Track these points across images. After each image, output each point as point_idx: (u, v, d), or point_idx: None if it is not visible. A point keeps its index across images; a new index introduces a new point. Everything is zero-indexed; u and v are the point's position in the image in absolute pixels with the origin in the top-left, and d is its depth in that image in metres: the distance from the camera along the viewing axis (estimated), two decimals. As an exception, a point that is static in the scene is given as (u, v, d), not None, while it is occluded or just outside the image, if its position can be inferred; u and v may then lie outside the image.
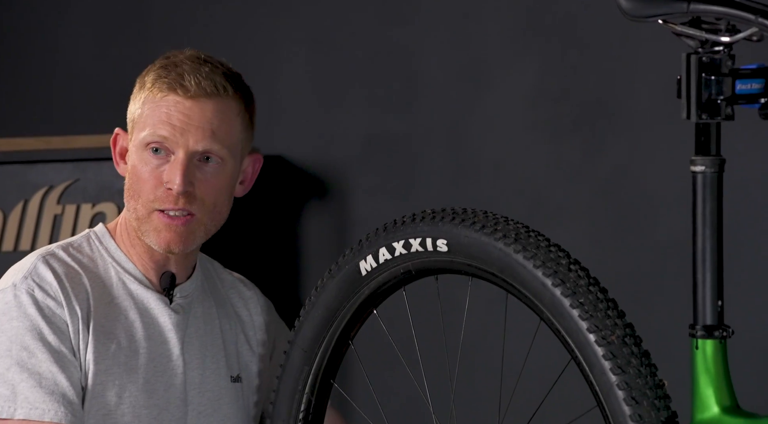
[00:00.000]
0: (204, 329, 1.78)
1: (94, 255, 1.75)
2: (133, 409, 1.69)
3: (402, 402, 2.36)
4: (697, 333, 1.30)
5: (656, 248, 2.39)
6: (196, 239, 1.73)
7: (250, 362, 1.83)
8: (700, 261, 1.29)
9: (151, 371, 1.71)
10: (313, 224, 2.94)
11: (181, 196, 1.67)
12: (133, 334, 1.71)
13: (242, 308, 1.86)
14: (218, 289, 1.85)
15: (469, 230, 1.51)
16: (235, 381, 1.79)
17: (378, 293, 1.67)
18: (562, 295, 1.40)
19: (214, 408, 1.75)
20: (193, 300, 1.78)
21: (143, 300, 1.74)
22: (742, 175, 2.31)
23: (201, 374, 1.75)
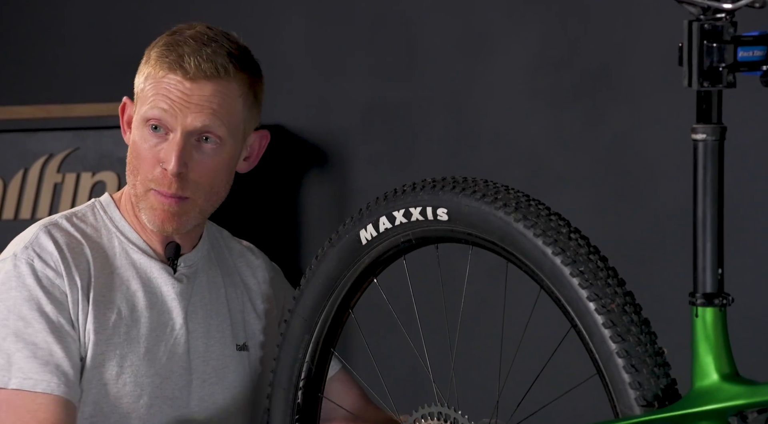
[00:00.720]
0: (209, 298, 1.78)
1: (98, 224, 1.75)
2: (134, 378, 1.69)
3: (402, 371, 2.37)
4: (697, 301, 1.30)
5: (656, 216, 2.39)
6: (191, 219, 1.72)
7: (256, 330, 1.83)
8: (701, 229, 1.29)
9: (153, 341, 1.71)
10: (313, 193, 2.94)
11: (174, 180, 1.67)
12: (134, 303, 1.71)
13: (250, 276, 1.86)
14: (225, 258, 1.85)
15: (470, 199, 1.51)
16: (241, 350, 1.80)
17: (378, 262, 1.67)
18: (562, 263, 1.40)
19: (219, 377, 1.76)
20: (199, 269, 1.78)
21: (146, 270, 1.74)
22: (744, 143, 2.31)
23: (205, 343, 1.76)
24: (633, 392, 1.32)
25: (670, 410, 1.29)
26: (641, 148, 2.49)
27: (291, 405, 1.74)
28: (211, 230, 1.85)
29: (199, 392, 1.74)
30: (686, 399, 1.30)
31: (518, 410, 1.54)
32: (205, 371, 1.75)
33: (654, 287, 2.29)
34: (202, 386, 1.74)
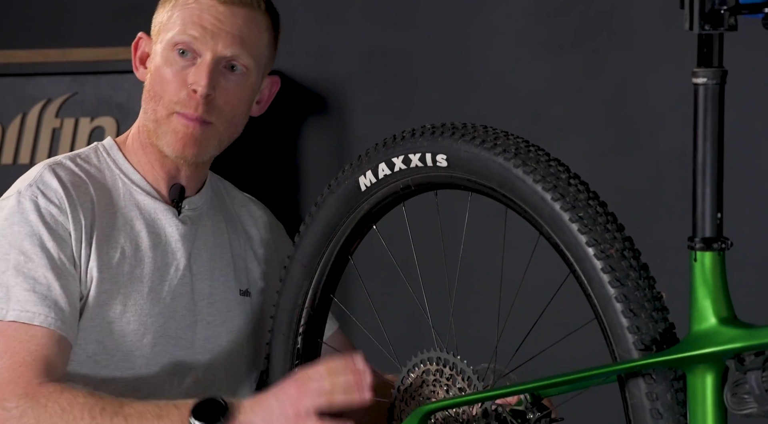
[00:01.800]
0: (213, 242, 1.79)
1: (102, 166, 1.75)
2: (138, 317, 1.69)
3: (401, 317, 2.37)
4: (695, 246, 1.30)
5: (656, 162, 2.39)
6: (209, 147, 1.72)
7: (258, 278, 1.84)
8: (700, 174, 1.29)
9: (157, 280, 1.71)
10: (313, 139, 2.93)
11: (201, 102, 1.67)
12: (138, 244, 1.71)
13: (251, 226, 1.86)
14: (228, 206, 1.85)
15: (469, 145, 1.50)
16: (243, 295, 1.80)
17: (377, 209, 1.67)
18: (562, 209, 1.40)
19: (223, 320, 1.76)
20: (203, 214, 1.79)
21: (150, 211, 1.74)
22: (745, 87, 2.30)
23: (210, 286, 1.76)
24: (631, 336, 1.33)
25: (667, 354, 1.30)
26: (641, 93, 2.48)
27: (291, 351, 1.75)
28: (213, 179, 1.86)
29: (204, 333, 1.74)
30: (684, 343, 1.30)
31: (517, 355, 1.55)
32: (209, 313, 1.75)
33: (653, 232, 2.30)
34: (206, 327, 1.74)
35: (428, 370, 1.57)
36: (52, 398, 1.56)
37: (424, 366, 1.57)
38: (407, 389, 1.59)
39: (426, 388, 1.57)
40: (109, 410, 1.56)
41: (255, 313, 1.82)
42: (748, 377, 1.23)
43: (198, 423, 1.54)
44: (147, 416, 1.56)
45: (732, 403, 1.25)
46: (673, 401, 1.31)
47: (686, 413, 1.31)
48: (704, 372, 1.28)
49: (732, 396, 1.25)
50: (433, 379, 1.56)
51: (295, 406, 1.53)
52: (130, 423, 1.55)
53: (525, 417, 1.51)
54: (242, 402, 1.57)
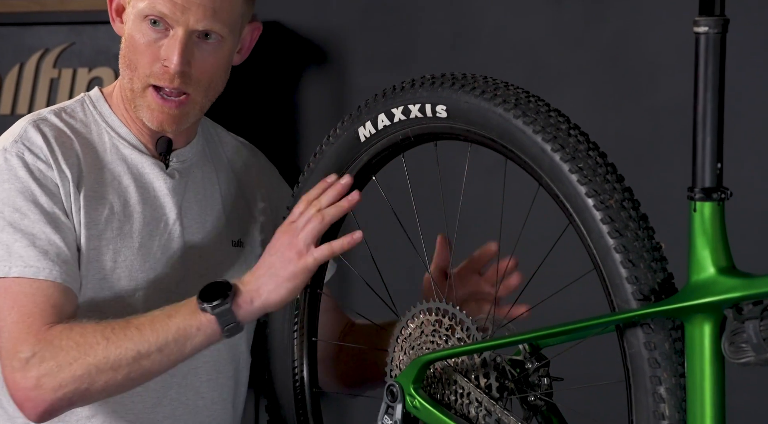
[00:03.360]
0: (203, 194, 1.77)
1: (88, 120, 1.73)
2: (129, 273, 1.68)
3: (401, 268, 2.38)
4: (695, 196, 1.30)
5: (656, 112, 2.38)
6: (190, 117, 1.71)
7: (252, 227, 1.82)
8: (701, 123, 1.28)
9: (147, 235, 1.70)
10: (312, 90, 2.92)
11: (177, 76, 1.64)
12: (126, 199, 1.70)
13: (244, 173, 1.85)
14: (220, 154, 1.83)
15: (469, 96, 1.50)
16: (236, 246, 1.79)
17: (377, 160, 1.67)
18: (562, 160, 1.40)
19: (216, 272, 1.75)
20: (192, 165, 1.77)
21: (137, 165, 1.72)
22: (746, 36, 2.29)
23: (201, 239, 1.75)
24: (630, 286, 1.33)
25: (666, 304, 1.30)
26: (642, 43, 2.46)
27: (291, 301, 1.76)
28: (205, 126, 1.83)
29: (197, 286, 1.70)
30: (682, 293, 1.31)
31: (516, 305, 1.56)
32: (201, 266, 1.74)
33: (653, 183, 2.29)
34: (199, 280, 1.71)
35: (427, 320, 1.57)
36: (63, 336, 1.57)
37: (423, 316, 1.58)
38: (406, 339, 1.60)
39: (425, 338, 1.58)
40: (120, 327, 1.57)
41: (248, 263, 1.80)
42: (746, 327, 1.23)
43: (209, 305, 1.56)
44: (157, 320, 1.58)
45: (729, 352, 1.26)
46: (671, 350, 1.31)
47: (684, 363, 1.32)
48: (702, 322, 1.29)
49: (729, 345, 1.25)
50: (433, 329, 1.57)
51: (292, 247, 1.56)
52: (143, 331, 1.57)
53: (524, 367, 1.52)
54: (243, 276, 1.59)
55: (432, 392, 1.56)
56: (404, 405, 1.55)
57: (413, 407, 1.55)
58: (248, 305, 1.59)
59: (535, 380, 1.51)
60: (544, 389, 1.51)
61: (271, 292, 1.59)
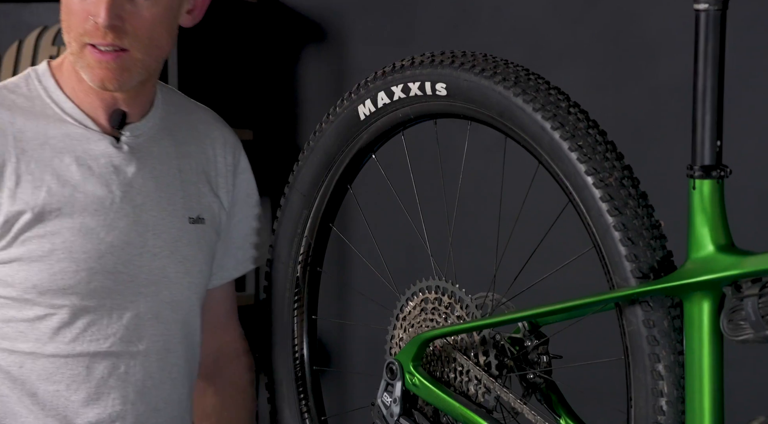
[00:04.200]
0: (160, 170, 1.71)
1: (32, 95, 1.67)
2: (69, 254, 1.63)
3: (400, 246, 2.38)
4: (694, 173, 1.30)
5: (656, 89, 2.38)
6: (133, 75, 1.63)
7: (212, 202, 1.76)
8: (700, 101, 1.28)
9: (89, 215, 1.64)
10: (311, 69, 2.91)
11: (108, 31, 1.59)
12: (67, 178, 1.64)
13: (208, 146, 1.78)
14: (180, 126, 1.76)
15: (469, 74, 1.50)
16: (195, 222, 1.73)
17: (376, 138, 1.67)
18: (561, 138, 1.40)
19: (171, 250, 1.70)
20: (149, 139, 1.71)
21: (82, 141, 1.66)
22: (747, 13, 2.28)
23: (156, 216, 1.69)
24: (629, 264, 1.33)
25: (665, 282, 1.30)
26: (642, 20, 2.46)
27: (290, 279, 1.76)
28: (167, 96, 1.76)
29: (149, 265, 1.68)
30: (681, 270, 1.31)
31: (515, 284, 1.56)
32: (156, 245, 1.68)
33: (652, 161, 2.29)
34: (152, 259, 1.68)
35: (427, 298, 1.58)
36: None
37: (422, 294, 1.58)
38: (406, 318, 1.60)
39: (424, 316, 1.58)
40: None
41: (207, 240, 1.75)
42: (745, 304, 1.24)
43: None
44: None
45: (728, 329, 1.26)
46: (670, 328, 1.32)
47: (682, 340, 1.32)
48: (701, 299, 1.29)
49: (728, 323, 1.26)
50: (432, 307, 1.57)
51: None
52: None
53: (523, 345, 1.52)
54: None
55: (431, 369, 1.57)
56: (404, 383, 1.56)
57: (413, 384, 1.55)
58: None
59: (534, 357, 1.52)
60: (543, 367, 1.51)
61: None
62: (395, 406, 1.56)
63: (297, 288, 1.75)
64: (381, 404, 1.57)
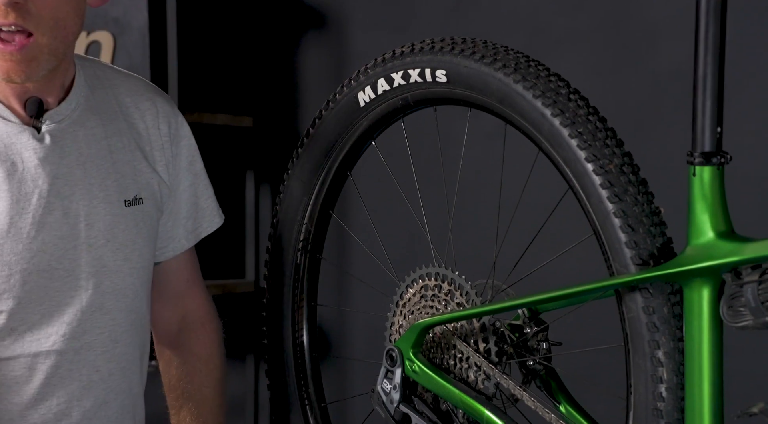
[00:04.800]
0: (88, 154, 1.61)
1: None
2: (0, 257, 1.54)
3: (400, 233, 2.38)
4: (695, 160, 1.30)
5: (656, 76, 2.38)
6: (41, 64, 1.52)
7: (150, 179, 1.68)
8: (701, 87, 1.28)
9: (17, 215, 1.55)
10: (311, 55, 2.91)
11: (9, 9, 1.47)
12: None
13: (139, 119, 1.69)
14: (109, 101, 1.67)
15: (469, 60, 1.50)
16: (131, 204, 1.65)
17: (376, 125, 1.67)
18: (561, 125, 1.40)
19: (107, 238, 1.62)
20: (72, 123, 1.60)
21: (2, 137, 1.55)
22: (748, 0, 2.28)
23: (87, 205, 1.60)
24: (629, 251, 1.33)
25: (664, 268, 1.30)
26: (642, 7, 2.45)
27: (290, 266, 1.76)
28: (89, 72, 1.66)
29: (86, 257, 1.60)
30: (681, 257, 1.31)
31: (515, 271, 1.56)
32: (90, 235, 1.60)
33: (652, 147, 2.29)
34: (88, 250, 1.60)
35: (427, 285, 1.58)
36: None
37: (422, 281, 1.58)
38: (405, 304, 1.60)
39: (424, 303, 1.58)
40: None
41: (147, 220, 1.68)
42: (745, 290, 1.24)
43: None
44: None
45: (728, 316, 1.26)
46: (670, 314, 1.32)
47: (682, 327, 1.32)
48: (701, 286, 1.29)
49: (728, 309, 1.26)
50: (432, 294, 1.57)
51: None
52: None
53: (522, 331, 1.53)
54: None
55: (431, 356, 1.57)
56: (403, 369, 1.56)
57: (412, 371, 1.55)
58: None
59: (533, 344, 1.52)
60: (543, 354, 1.51)
61: None
62: (395, 393, 1.56)
63: (297, 275, 1.76)
64: (381, 391, 1.57)
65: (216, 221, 1.80)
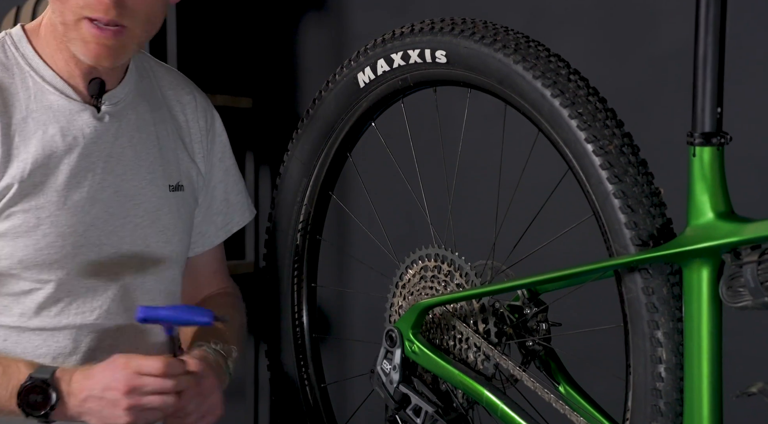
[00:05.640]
0: (138, 138, 1.68)
1: (10, 63, 1.62)
2: (55, 229, 1.60)
3: (400, 214, 2.38)
4: (695, 141, 1.30)
5: (657, 57, 2.37)
6: (128, 52, 1.60)
7: (190, 168, 1.75)
8: (701, 68, 1.28)
9: (74, 187, 1.61)
10: (311, 36, 2.90)
11: (113, 6, 1.54)
12: (51, 150, 1.60)
13: (179, 112, 1.76)
14: (154, 90, 1.74)
15: (469, 41, 1.50)
16: (175, 190, 1.71)
17: (376, 105, 1.67)
18: (561, 105, 1.40)
19: (152, 219, 1.68)
20: (126, 106, 1.67)
21: (65, 112, 1.62)
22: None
23: (136, 186, 1.67)
24: (629, 231, 1.34)
25: (664, 249, 1.30)
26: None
27: (290, 247, 1.76)
28: (138, 59, 1.73)
29: (132, 236, 1.65)
30: (681, 238, 1.31)
31: (514, 252, 1.56)
32: (137, 215, 1.66)
33: (652, 128, 2.29)
34: (134, 230, 1.66)
35: (426, 266, 1.58)
36: None
37: (422, 262, 1.59)
38: (405, 285, 1.61)
39: (424, 284, 1.59)
40: None
41: (187, 207, 1.74)
42: (744, 271, 1.24)
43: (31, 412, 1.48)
44: None
45: (727, 296, 1.26)
46: (669, 295, 1.32)
47: (681, 307, 1.32)
48: (700, 266, 1.29)
49: (727, 289, 1.26)
50: (432, 275, 1.57)
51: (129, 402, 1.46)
52: None
53: (522, 312, 1.53)
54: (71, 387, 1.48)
55: (431, 337, 1.57)
56: (403, 350, 1.56)
57: (412, 351, 1.56)
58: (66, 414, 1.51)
59: (533, 325, 1.52)
60: (542, 335, 1.52)
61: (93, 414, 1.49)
62: (394, 373, 1.57)
63: (297, 256, 1.76)
64: (380, 372, 1.58)
65: (246, 215, 1.84)
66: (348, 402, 2.66)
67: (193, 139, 1.77)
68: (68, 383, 1.49)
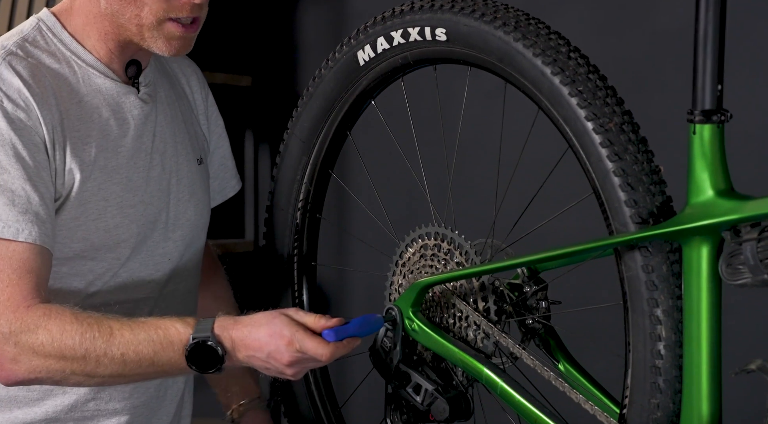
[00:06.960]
0: (170, 115, 1.74)
1: (51, 49, 1.64)
2: (120, 209, 1.64)
3: (400, 192, 2.38)
4: (695, 118, 1.30)
5: (657, 34, 2.37)
6: None
7: (203, 141, 1.81)
8: (702, 45, 1.28)
9: (132, 169, 1.66)
10: (311, 14, 2.90)
11: (197, 6, 1.61)
12: (108, 133, 1.64)
13: (185, 84, 1.82)
14: (164, 67, 1.78)
15: (469, 19, 1.49)
16: (200, 163, 1.78)
17: (376, 83, 1.66)
18: (561, 83, 1.39)
19: (190, 193, 1.74)
20: (155, 85, 1.73)
21: (113, 94, 1.66)
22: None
23: (176, 162, 1.73)
24: (628, 210, 1.34)
25: (664, 227, 1.30)
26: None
27: (290, 226, 1.76)
28: None
29: (175, 211, 1.71)
30: (681, 215, 1.31)
31: (514, 230, 1.56)
32: (179, 190, 1.73)
33: (652, 106, 2.29)
34: (177, 205, 1.71)
35: (426, 244, 1.58)
36: (41, 324, 1.51)
37: (422, 241, 1.59)
38: (405, 264, 1.61)
39: (424, 262, 1.59)
40: (103, 342, 1.51)
41: (208, 179, 1.81)
42: (744, 248, 1.24)
43: (202, 371, 1.51)
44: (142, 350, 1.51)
45: (727, 273, 1.26)
46: (669, 273, 1.32)
47: (681, 285, 1.32)
48: (700, 244, 1.29)
49: (727, 267, 1.26)
50: (431, 253, 1.58)
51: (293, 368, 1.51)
52: (125, 357, 1.51)
53: (522, 290, 1.53)
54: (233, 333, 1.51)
55: (431, 315, 1.57)
56: (403, 328, 1.57)
57: (412, 330, 1.56)
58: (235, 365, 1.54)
59: (533, 303, 1.53)
60: (542, 313, 1.52)
61: (257, 367, 1.53)
62: (394, 351, 1.57)
63: (296, 235, 1.76)
64: (380, 350, 1.58)
65: (238, 178, 1.91)
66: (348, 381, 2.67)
67: (199, 110, 1.82)
68: (230, 340, 1.51)
